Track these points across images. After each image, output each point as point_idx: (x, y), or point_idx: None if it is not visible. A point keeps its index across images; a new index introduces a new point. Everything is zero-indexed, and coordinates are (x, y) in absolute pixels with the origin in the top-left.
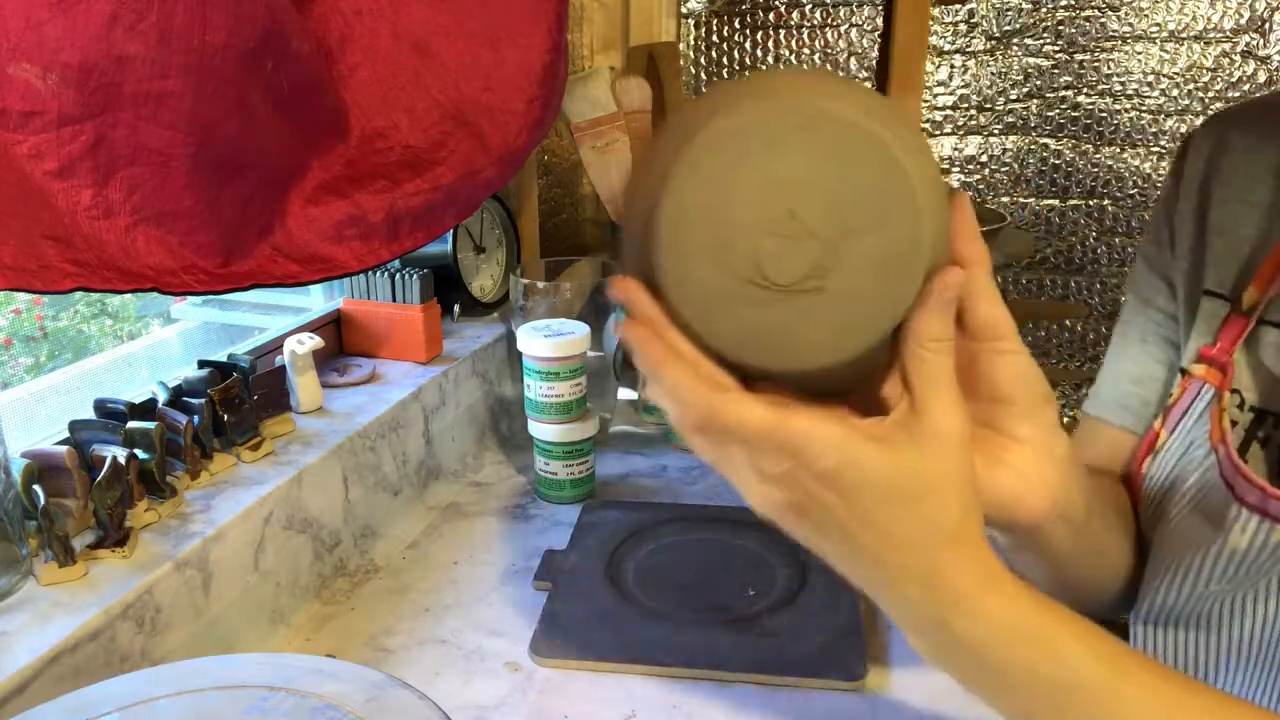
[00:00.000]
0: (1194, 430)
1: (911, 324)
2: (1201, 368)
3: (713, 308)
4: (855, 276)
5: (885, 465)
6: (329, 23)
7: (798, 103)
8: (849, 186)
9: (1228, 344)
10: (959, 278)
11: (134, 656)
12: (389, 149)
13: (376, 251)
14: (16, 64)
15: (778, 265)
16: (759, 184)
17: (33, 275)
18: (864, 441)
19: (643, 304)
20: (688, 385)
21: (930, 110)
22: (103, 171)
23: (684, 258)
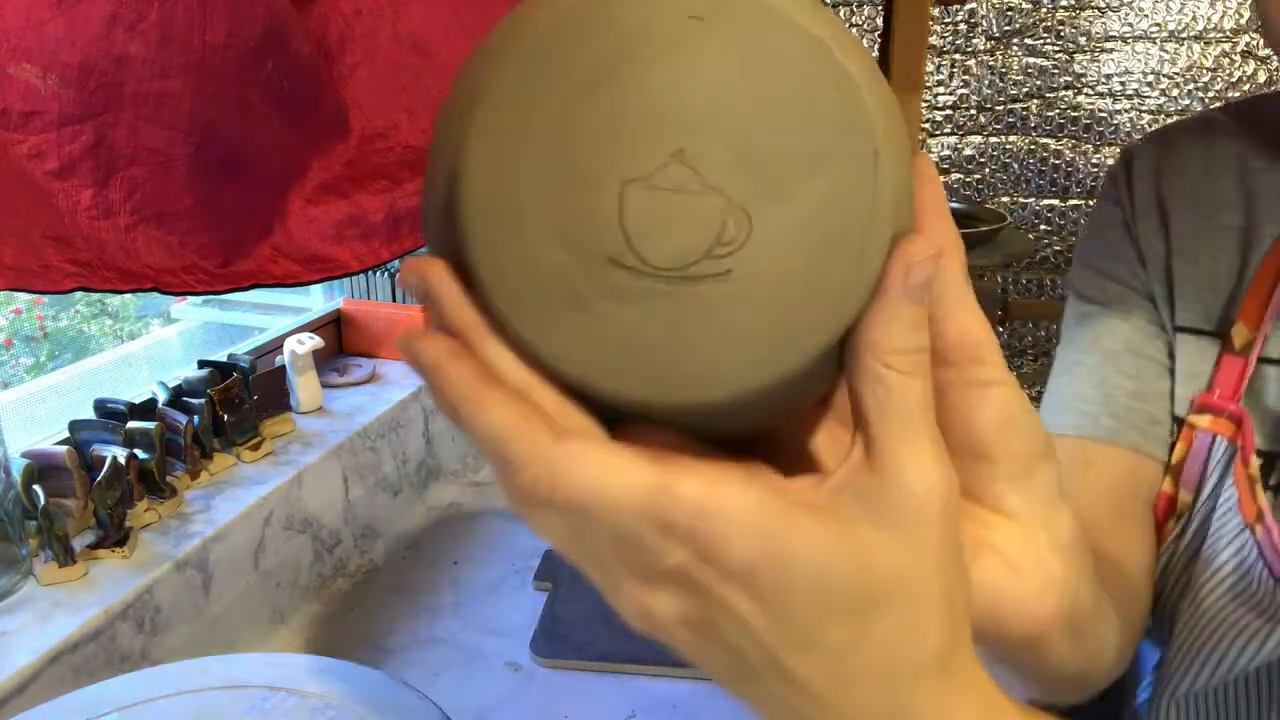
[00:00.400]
0: (1215, 494)
1: (866, 329)
2: (1206, 419)
3: (553, 306)
4: (779, 255)
5: (828, 554)
6: (329, 23)
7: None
8: (770, 114)
9: (1230, 390)
10: (931, 249)
11: (134, 656)
12: (389, 149)
13: (376, 251)
14: (17, 64)
15: (656, 238)
16: (624, 109)
17: (33, 275)
18: (794, 517)
19: (447, 300)
20: (514, 431)
21: (930, 110)
22: (103, 171)
23: (506, 229)
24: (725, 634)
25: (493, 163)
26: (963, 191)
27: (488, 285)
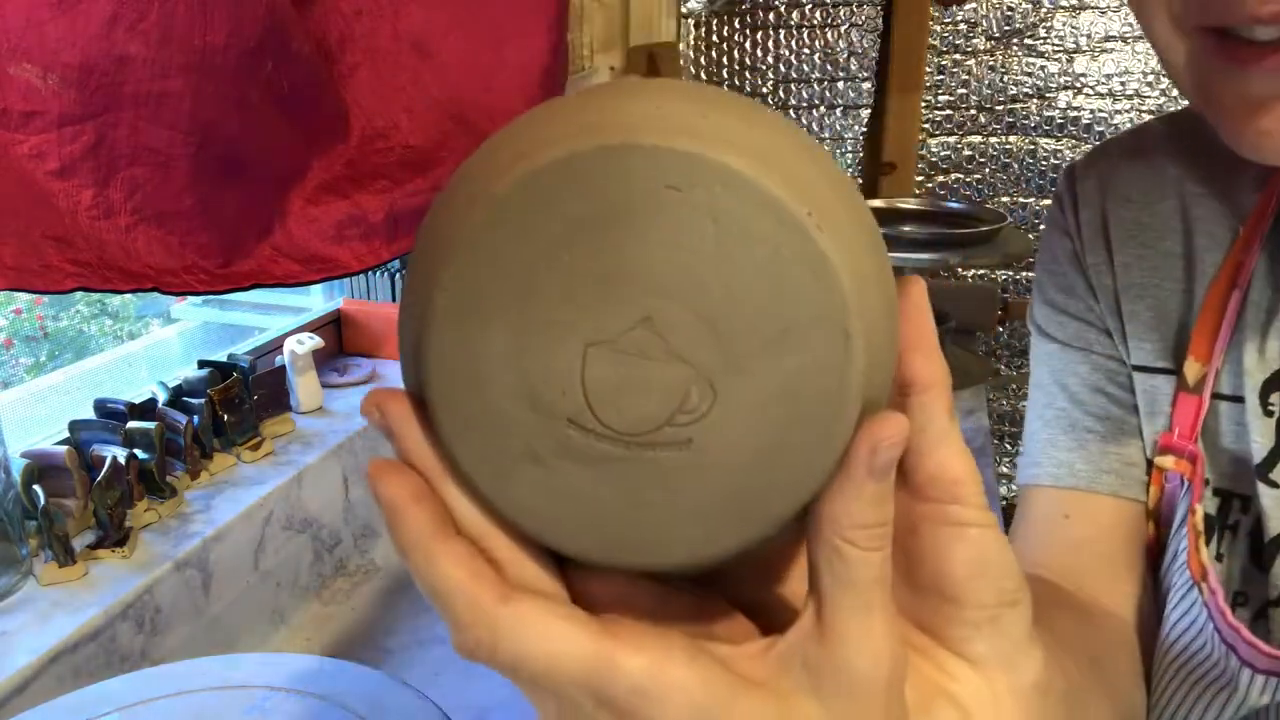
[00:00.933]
0: (1176, 542)
1: (827, 503)
2: (1170, 459)
3: (511, 460)
4: (742, 428)
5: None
6: (329, 23)
7: (657, 141)
8: (741, 289)
9: (1187, 429)
10: (901, 431)
11: (134, 656)
12: (389, 149)
13: (377, 251)
14: (17, 64)
15: (620, 403)
16: (593, 271)
17: (34, 275)
18: (735, 697)
19: (408, 439)
20: (460, 590)
21: (930, 110)
22: (103, 171)
23: (468, 381)
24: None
25: (458, 315)
26: (963, 191)
27: (447, 432)
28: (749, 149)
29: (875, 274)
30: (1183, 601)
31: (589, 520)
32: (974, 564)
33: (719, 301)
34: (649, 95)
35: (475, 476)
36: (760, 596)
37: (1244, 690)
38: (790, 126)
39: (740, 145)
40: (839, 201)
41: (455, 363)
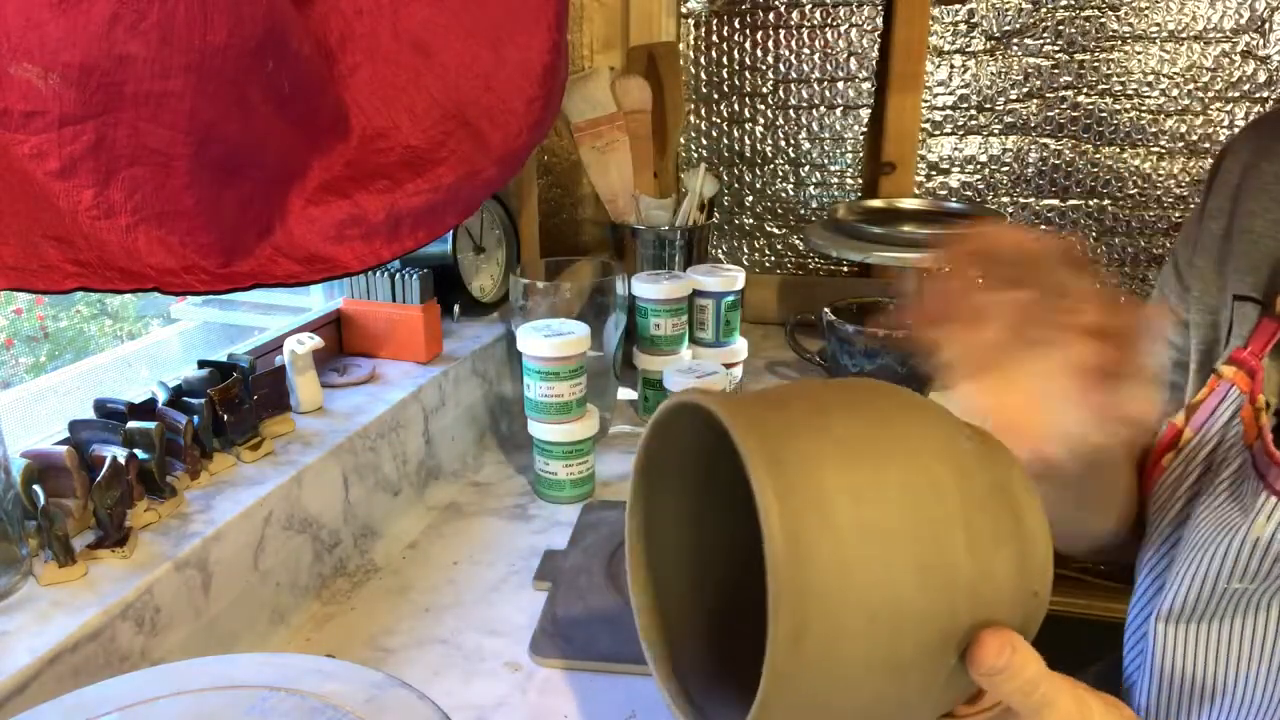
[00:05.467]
0: (1223, 431)
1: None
2: (1231, 370)
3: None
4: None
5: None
6: (329, 23)
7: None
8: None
9: (1258, 348)
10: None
11: (134, 656)
12: (389, 149)
13: (377, 251)
14: (18, 64)
15: None
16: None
17: (34, 275)
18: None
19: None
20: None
21: (930, 110)
22: (104, 172)
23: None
24: None
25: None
26: (963, 192)
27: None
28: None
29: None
30: (1228, 469)
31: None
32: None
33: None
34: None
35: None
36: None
37: (1253, 515)
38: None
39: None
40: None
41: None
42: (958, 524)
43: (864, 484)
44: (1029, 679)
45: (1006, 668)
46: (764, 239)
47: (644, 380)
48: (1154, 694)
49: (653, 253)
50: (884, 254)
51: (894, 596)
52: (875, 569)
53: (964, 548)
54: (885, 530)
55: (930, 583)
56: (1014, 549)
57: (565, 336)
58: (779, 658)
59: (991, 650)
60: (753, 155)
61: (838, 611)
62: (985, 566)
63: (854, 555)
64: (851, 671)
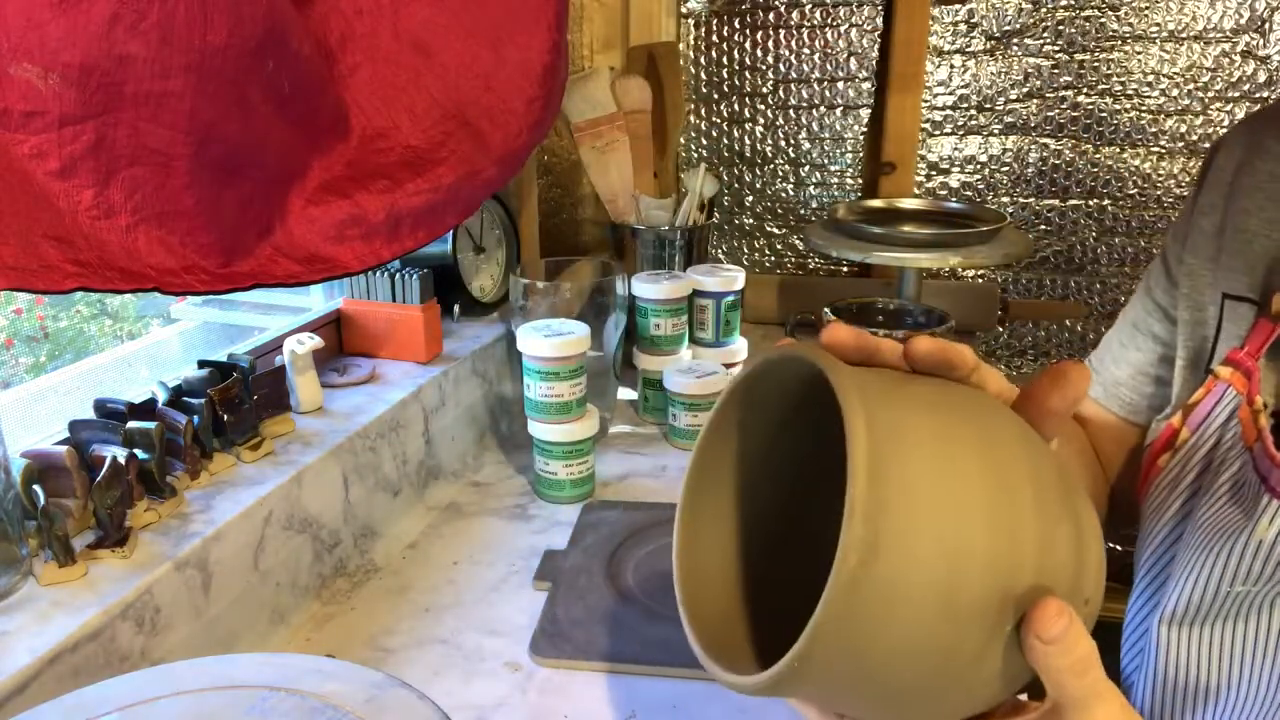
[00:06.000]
0: (1221, 431)
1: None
2: (1228, 370)
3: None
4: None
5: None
6: (329, 23)
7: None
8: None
9: (1254, 349)
10: (1049, 622)
11: (134, 656)
12: (390, 149)
13: (377, 251)
14: (18, 64)
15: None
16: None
17: (34, 275)
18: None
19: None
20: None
21: (930, 110)
22: (104, 172)
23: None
24: None
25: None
26: (963, 192)
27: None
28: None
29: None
30: (1228, 471)
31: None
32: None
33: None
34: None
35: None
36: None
37: (1256, 518)
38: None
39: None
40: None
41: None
42: (1027, 482)
43: (943, 425)
44: (1081, 658)
45: (1063, 637)
46: (764, 239)
47: (644, 380)
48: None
49: (653, 253)
50: (884, 254)
51: (964, 535)
52: (949, 503)
53: (1032, 508)
54: (962, 470)
55: (999, 529)
56: (1073, 529)
57: (565, 336)
58: (847, 570)
59: (1051, 612)
60: (753, 155)
61: (910, 535)
62: (1049, 534)
63: (931, 485)
64: (912, 606)
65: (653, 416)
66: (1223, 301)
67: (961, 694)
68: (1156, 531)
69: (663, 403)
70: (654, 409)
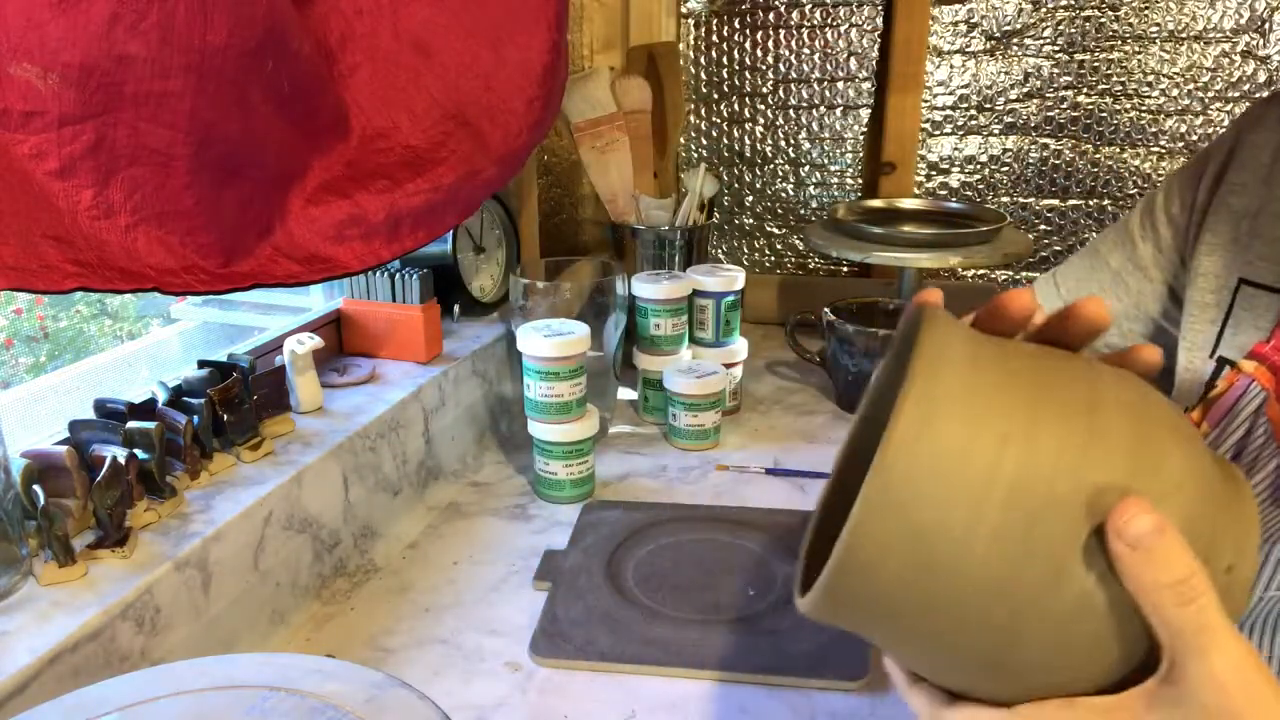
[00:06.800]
0: (1247, 426)
1: (1131, 583)
2: (1253, 365)
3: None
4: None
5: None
6: (329, 23)
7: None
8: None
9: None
10: (1134, 516)
11: (134, 656)
12: (389, 149)
13: (377, 251)
14: (17, 64)
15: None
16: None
17: (34, 275)
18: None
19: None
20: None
21: (930, 110)
22: (103, 172)
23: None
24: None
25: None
26: (963, 192)
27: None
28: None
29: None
30: (1262, 468)
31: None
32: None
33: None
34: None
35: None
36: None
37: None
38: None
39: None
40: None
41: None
42: (1122, 407)
43: (1028, 353)
44: (1181, 577)
45: (1151, 544)
46: (764, 239)
47: (644, 380)
48: None
49: (653, 253)
50: (884, 254)
51: (1030, 418)
52: (1020, 396)
53: (1127, 424)
54: (1037, 380)
55: (1073, 427)
56: (1196, 466)
57: (565, 336)
58: (894, 442)
59: (1132, 508)
60: (753, 155)
61: (967, 416)
62: (1149, 456)
63: (997, 379)
64: (970, 494)
65: (653, 416)
66: (1238, 286)
67: (1047, 631)
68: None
69: (663, 403)
70: (654, 409)
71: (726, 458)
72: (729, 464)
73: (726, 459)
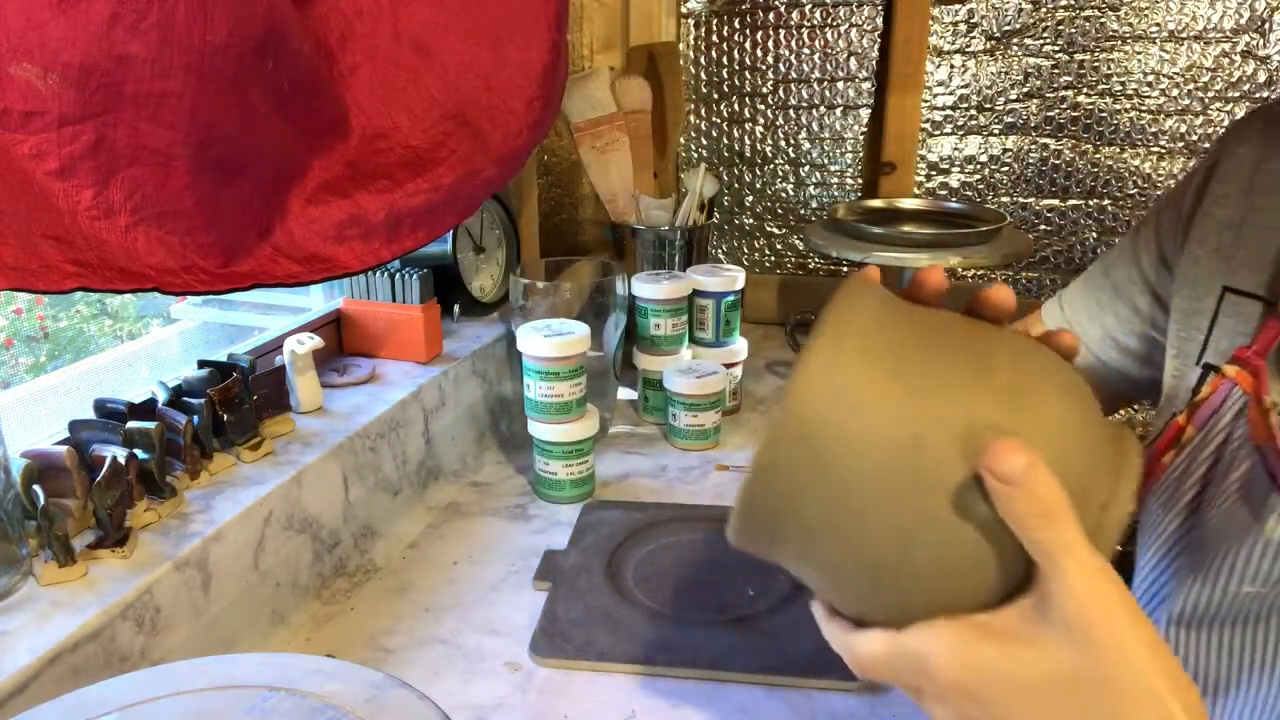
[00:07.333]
0: (1228, 429)
1: (1004, 515)
2: (1234, 369)
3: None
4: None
5: (1008, 661)
6: (329, 23)
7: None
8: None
9: (1262, 347)
10: (1004, 456)
11: (134, 656)
12: (389, 149)
13: (377, 251)
14: (17, 64)
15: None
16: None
17: (34, 275)
18: (980, 640)
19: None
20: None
21: (930, 110)
22: (103, 172)
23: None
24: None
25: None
26: (963, 192)
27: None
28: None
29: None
30: (1236, 470)
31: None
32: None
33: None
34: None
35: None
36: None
37: (1265, 516)
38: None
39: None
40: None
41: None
42: (1006, 359)
43: (930, 316)
44: (1047, 507)
45: (1021, 480)
46: (764, 239)
47: (644, 380)
48: None
49: (653, 253)
50: (884, 254)
51: (926, 359)
52: (914, 347)
53: (1009, 367)
54: (931, 339)
55: (964, 370)
56: (1075, 414)
57: (565, 336)
58: (806, 368)
59: (1004, 447)
60: (753, 155)
61: (868, 353)
62: (1030, 400)
63: (896, 334)
64: (866, 416)
65: (653, 416)
66: (1222, 294)
67: (931, 549)
68: (1162, 530)
69: (663, 403)
70: (654, 409)
71: (726, 458)
72: (729, 464)
73: (726, 459)
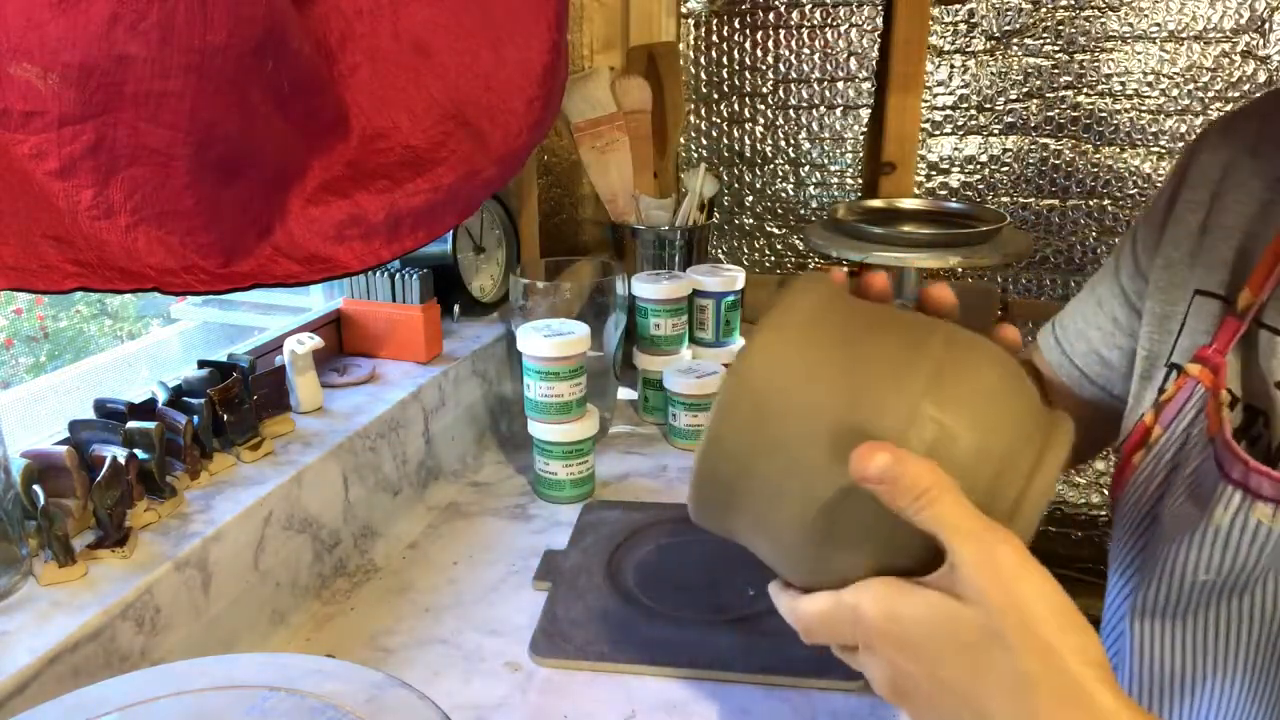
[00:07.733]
0: (1190, 427)
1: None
2: (1197, 367)
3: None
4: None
5: (931, 615)
6: (329, 23)
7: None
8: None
9: (1222, 344)
10: (869, 461)
11: (134, 656)
12: (389, 149)
13: (377, 251)
14: (17, 64)
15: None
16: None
17: (34, 275)
18: (908, 594)
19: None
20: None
21: (930, 110)
22: (103, 172)
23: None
24: (907, 687)
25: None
26: (963, 192)
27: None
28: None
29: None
30: (1191, 464)
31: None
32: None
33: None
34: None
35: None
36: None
37: (1212, 505)
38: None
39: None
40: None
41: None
42: (884, 359)
43: (863, 314)
44: (923, 490)
45: (891, 476)
46: (764, 239)
47: (644, 380)
48: (1131, 689)
49: (653, 253)
50: (884, 254)
51: (858, 343)
52: (849, 328)
53: (888, 376)
54: (852, 340)
55: (892, 357)
56: (964, 414)
57: (565, 336)
58: (750, 351)
59: (864, 453)
60: (753, 155)
61: (806, 340)
62: (954, 387)
63: (843, 319)
64: (798, 397)
65: (653, 416)
66: (1193, 297)
67: (856, 517)
68: (1130, 528)
69: (663, 403)
70: (654, 409)
71: None
72: None
73: None
